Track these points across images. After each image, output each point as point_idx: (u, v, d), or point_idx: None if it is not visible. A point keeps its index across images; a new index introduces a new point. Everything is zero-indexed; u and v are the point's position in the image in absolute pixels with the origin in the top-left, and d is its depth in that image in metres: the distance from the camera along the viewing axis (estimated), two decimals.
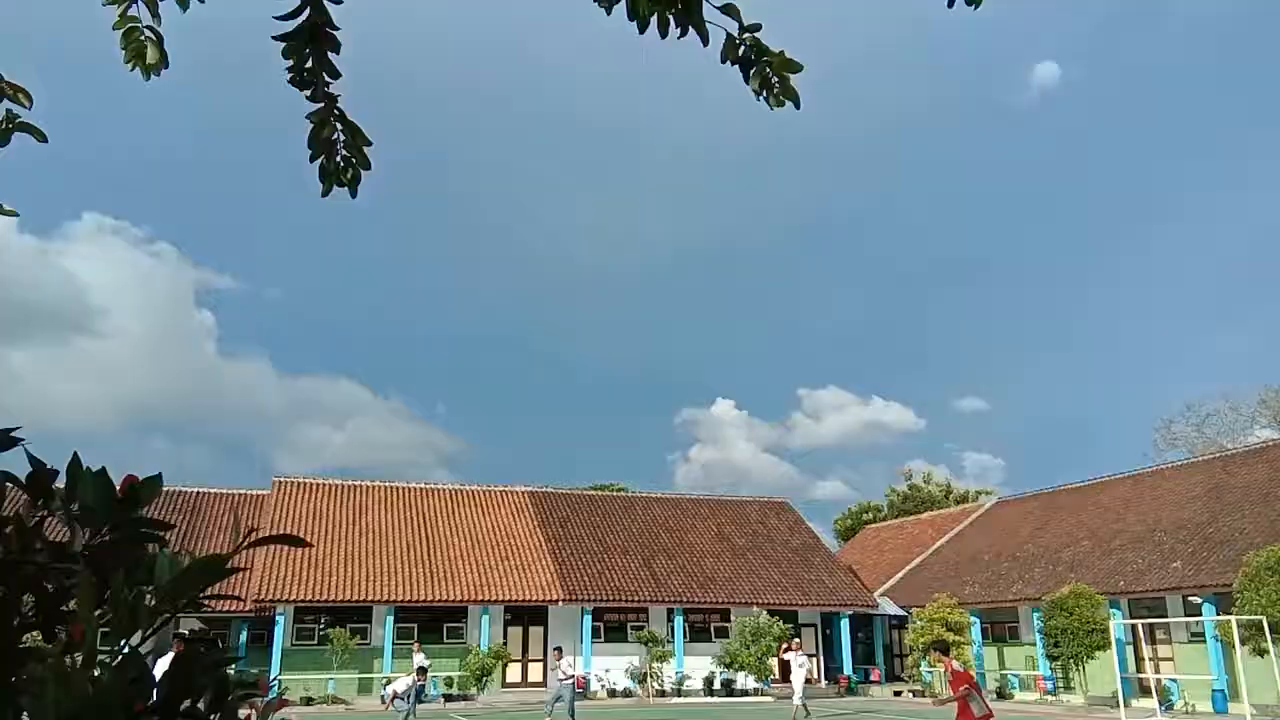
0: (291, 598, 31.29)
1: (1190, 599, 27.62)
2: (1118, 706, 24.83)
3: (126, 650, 1.21)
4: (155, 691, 1.26)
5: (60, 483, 1.43)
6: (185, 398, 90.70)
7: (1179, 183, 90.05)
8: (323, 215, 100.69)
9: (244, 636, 32.54)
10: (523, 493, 40.82)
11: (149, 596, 1.23)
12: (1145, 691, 27.80)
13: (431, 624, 33.92)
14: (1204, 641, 27.43)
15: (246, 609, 31.35)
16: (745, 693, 34.00)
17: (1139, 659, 29.09)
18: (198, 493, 37.16)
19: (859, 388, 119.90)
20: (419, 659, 26.97)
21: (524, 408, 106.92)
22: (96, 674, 1.20)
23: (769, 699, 32.48)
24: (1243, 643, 22.74)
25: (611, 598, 34.95)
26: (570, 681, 22.51)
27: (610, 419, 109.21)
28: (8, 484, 1.40)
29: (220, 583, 1.50)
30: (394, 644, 32.38)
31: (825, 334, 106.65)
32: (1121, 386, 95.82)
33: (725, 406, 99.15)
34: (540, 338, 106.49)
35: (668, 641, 34.95)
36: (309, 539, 34.22)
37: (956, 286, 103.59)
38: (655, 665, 33.93)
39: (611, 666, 34.41)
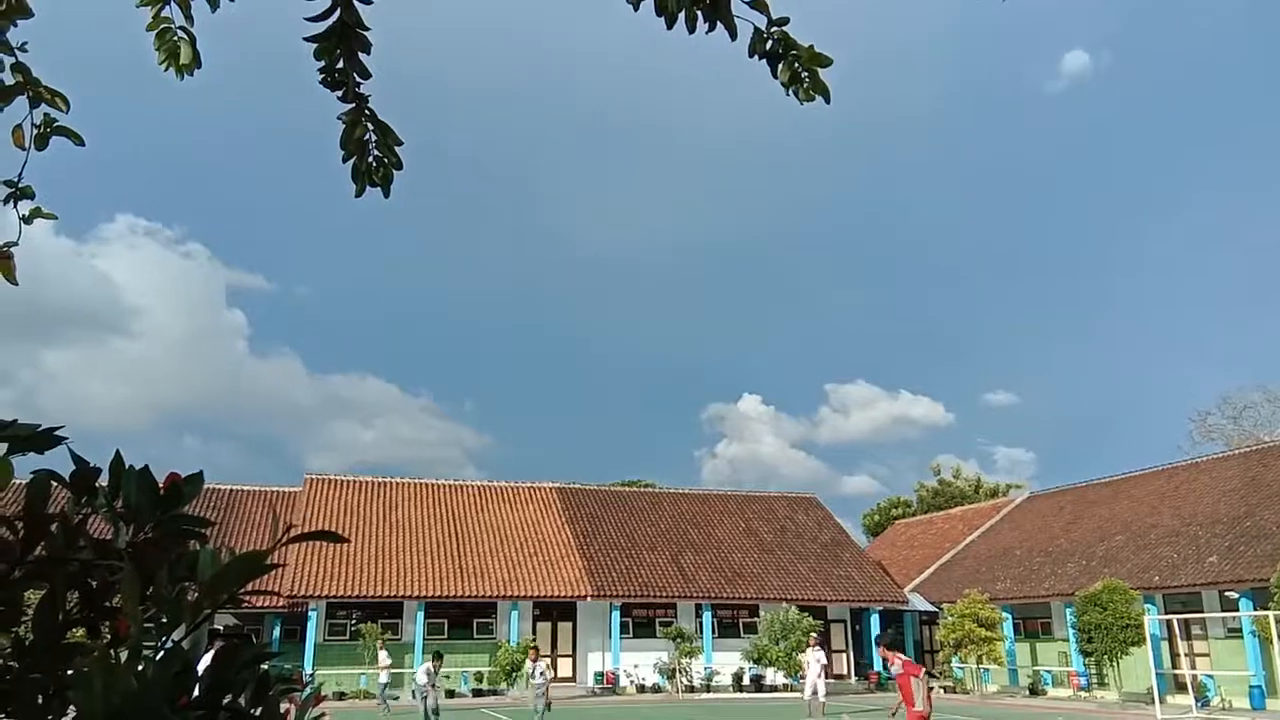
0: (324, 594, 31.61)
1: (1227, 594, 27.24)
2: (1153, 703, 24.55)
3: (170, 645, 1.22)
4: (198, 686, 1.27)
5: (103, 481, 1.45)
6: (218, 396, 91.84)
7: (1209, 171, 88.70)
8: (351, 214, 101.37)
9: (277, 632, 32.86)
10: (551, 489, 40.96)
11: (191, 592, 1.25)
12: (1181, 688, 27.45)
13: (461, 619, 34.15)
14: (1241, 637, 27.06)
15: (279, 605, 31.70)
16: (775, 688, 33.92)
17: (1174, 655, 28.74)
18: (231, 490, 37.61)
19: (887, 382, 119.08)
20: (383, 657, 26.66)
21: (551, 405, 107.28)
22: (141, 669, 1.21)
23: (798, 694, 32.37)
24: None
25: (640, 593, 35.00)
26: (540, 683, 21.45)
27: (637, 415, 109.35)
28: (52, 482, 1.43)
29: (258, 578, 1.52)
30: (425, 639, 32.64)
31: (853, 328, 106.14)
32: (1155, 379, 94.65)
33: (752, 402, 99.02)
34: (567, 334, 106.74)
35: (696, 637, 34.93)
36: (340, 535, 34.58)
37: (985, 279, 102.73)
38: (684, 661, 33.91)
39: (640, 662, 34.45)
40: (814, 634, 28.00)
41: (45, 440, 1.41)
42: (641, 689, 33.78)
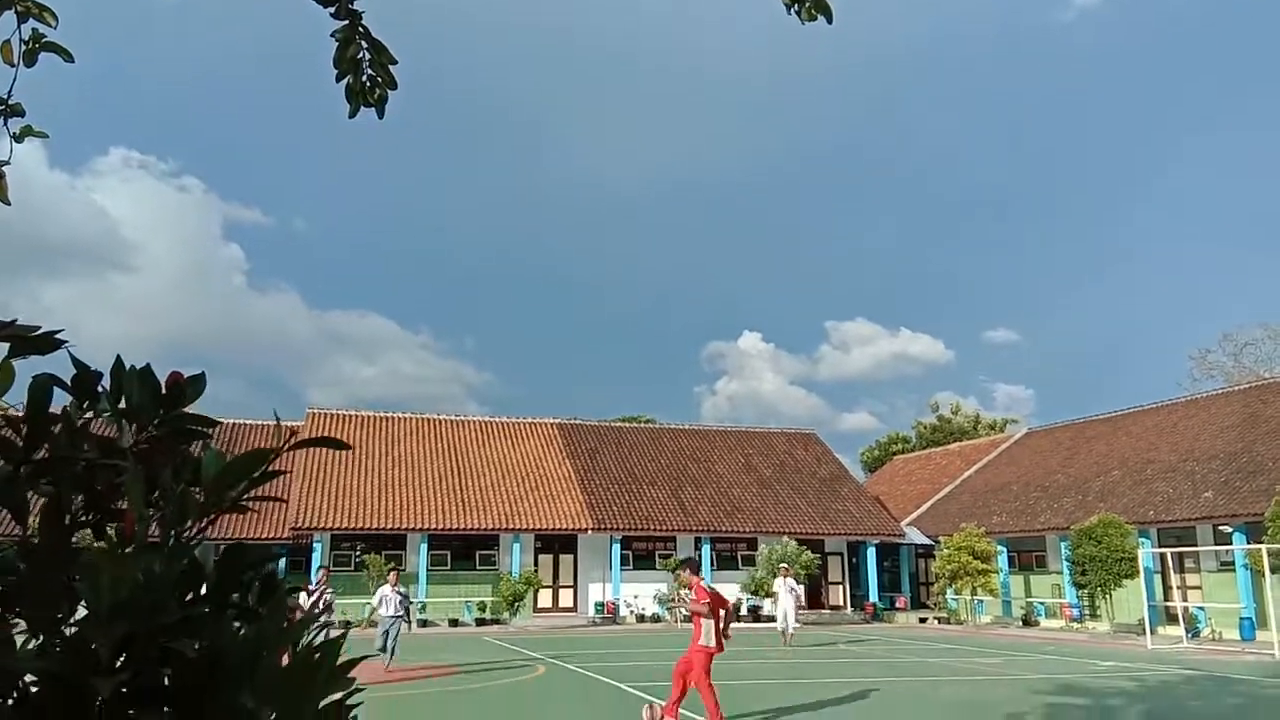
0: (328, 526, 32.01)
1: (1221, 528, 27.54)
2: (1144, 634, 25.00)
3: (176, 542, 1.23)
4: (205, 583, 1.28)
5: (105, 386, 1.44)
6: (217, 331, 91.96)
7: (1216, 106, 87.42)
8: (348, 148, 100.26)
9: (283, 563, 33.37)
10: (551, 425, 41.20)
11: (197, 492, 1.24)
12: (1172, 619, 27.94)
13: (464, 551, 34.65)
14: (1233, 570, 27.46)
15: (284, 536, 32.16)
16: (772, 618, 34.49)
17: (1167, 588, 29.17)
18: (233, 424, 37.82)
19: (888, 320, 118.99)
20: None
21: (551, 342, 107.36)
22: (148, 566, 1.22)
23: (794, 625, 32.98)
24: (1273, 571, 22.73)
25: (640, 526, 35.43)
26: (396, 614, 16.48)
27: (637, 352, 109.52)
28: (53, 387, 1.42)
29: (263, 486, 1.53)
30: (428, 570, 33.27)
31: (854, 265, 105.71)
32: (1157, 317, 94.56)
33: (752, 339, 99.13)
34: (567, 271, 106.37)
35: None
36: (343, 469, 34.89)
37: (989, 216, 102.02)
38: (683, 592, 34.43)
39: (640, 593, 35.07)
40: (784, 564, 28.23)
41: (46, 343, 1.40)
42: (641, 619, 34.40)
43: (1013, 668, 18.43)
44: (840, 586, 39.20)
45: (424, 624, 31.30)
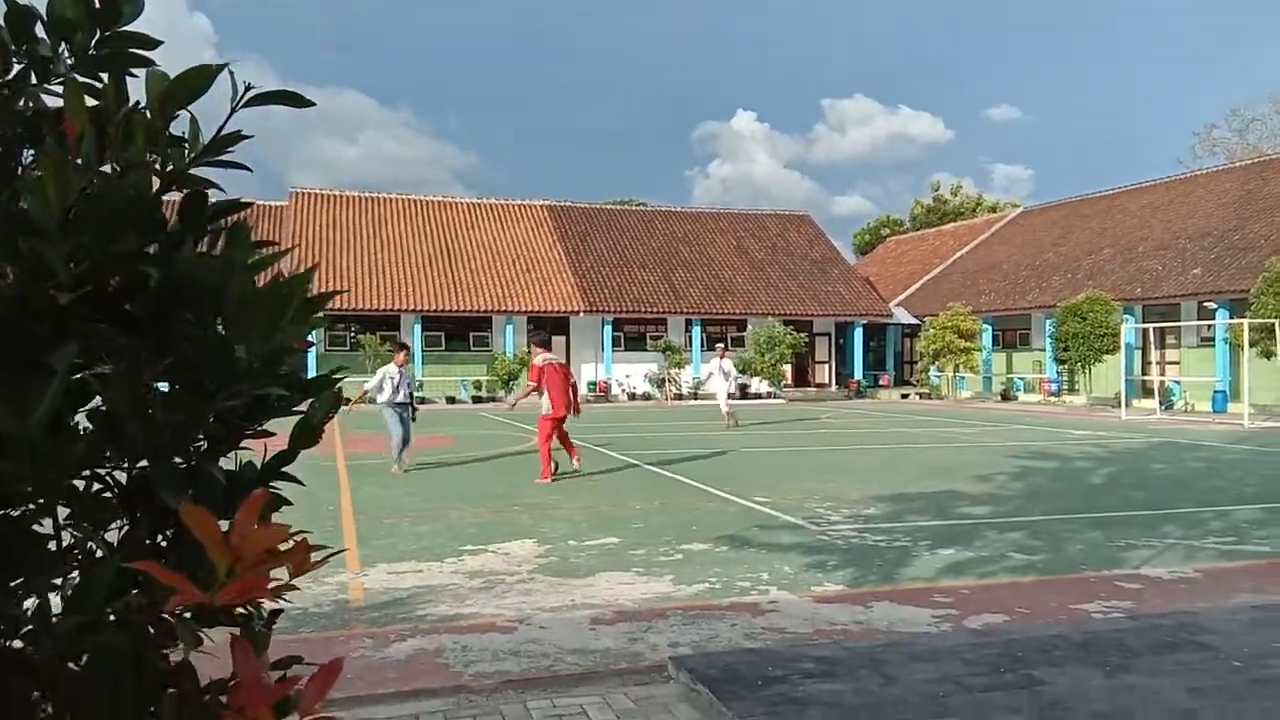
0: None
1: (1205, 304, 27.93)
2: (1119, 406, 25.86)
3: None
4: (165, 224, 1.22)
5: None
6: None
7: None
8: None
9: None
10: (541, 207, 40.73)
11: (141, 114, 1.16)
12: (1148, 393, 28.83)
13: (458, 332, 35.15)
14: (1213, 345, 28.08)
15: None
16: (760, 396, 35.58)
17: (1146, 363, 29.92)
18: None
19: (887, 97, 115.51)
20: None
21: (538, 120, 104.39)
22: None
23: (780, 401, 34.06)
24: (1252, 345, 23.26)
25: (631, 309, 35.80)
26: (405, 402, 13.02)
27: (628, 133, 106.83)
28: None
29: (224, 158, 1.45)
30: (423, 350, 33.86)
31: (855, 39, 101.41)
32: (1165, 93, 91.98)
33: (746, 119, 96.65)
34: (553, 43, 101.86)
35: (685, 350, 36.20)
36: (332, 250, 34.73)
37: None
38: (673, 371, 35.37)
39: (631, 373, 35.94)
40: (720, 345, 27.20)
41: None
42: (632, 397, 35.41)
43: (987, 436, 19.16)
44: (826, 365, 40.17)
45: (422, 401, 32.16)
